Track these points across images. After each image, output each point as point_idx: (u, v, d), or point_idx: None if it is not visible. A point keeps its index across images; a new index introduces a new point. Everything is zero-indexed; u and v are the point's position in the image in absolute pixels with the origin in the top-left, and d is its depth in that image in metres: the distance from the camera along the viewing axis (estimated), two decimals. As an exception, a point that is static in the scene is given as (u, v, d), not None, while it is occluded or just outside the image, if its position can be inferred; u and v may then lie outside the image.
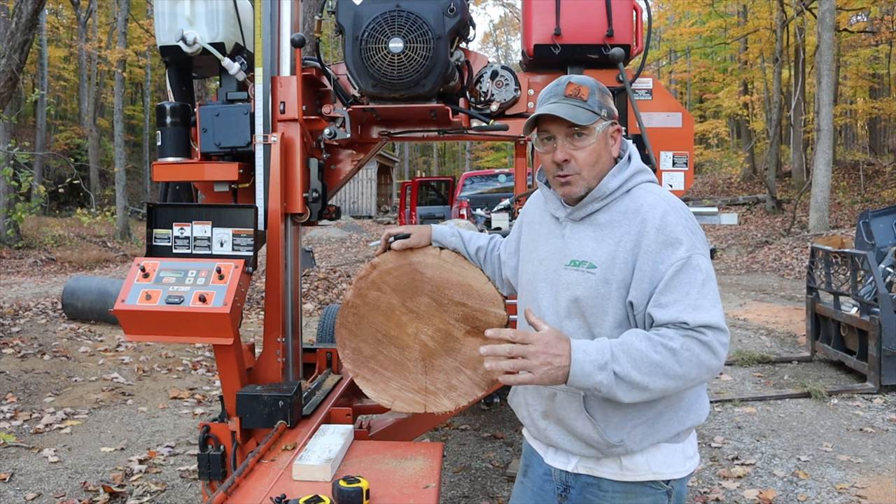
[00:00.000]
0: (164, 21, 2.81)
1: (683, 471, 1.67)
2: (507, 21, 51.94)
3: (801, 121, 23.47)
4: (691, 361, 1.47)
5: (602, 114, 1.63)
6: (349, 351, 2.25)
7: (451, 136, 3.17)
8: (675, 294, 1.51)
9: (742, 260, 15.83)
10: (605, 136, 1.66)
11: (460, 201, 9.12)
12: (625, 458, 1.64)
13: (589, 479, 1.68)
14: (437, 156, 48.09)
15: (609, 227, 1.62)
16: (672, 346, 1.46)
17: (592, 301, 1.60)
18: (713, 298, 1.52)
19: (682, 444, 1.66)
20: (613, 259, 1.58)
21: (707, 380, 1.53)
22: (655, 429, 1.61)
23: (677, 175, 3.07)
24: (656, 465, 1.63)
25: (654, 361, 1.45)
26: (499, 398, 5.50)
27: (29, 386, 5.69)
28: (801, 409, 5.37)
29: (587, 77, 1.69)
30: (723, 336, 1.50)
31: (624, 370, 1.45)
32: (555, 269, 1.68)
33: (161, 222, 2.68)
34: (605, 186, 1.65)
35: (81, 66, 29.72)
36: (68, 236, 19.30)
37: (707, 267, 1.55)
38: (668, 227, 1.55)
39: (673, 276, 1.52)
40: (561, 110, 1.60)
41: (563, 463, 1.72)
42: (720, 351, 1.49)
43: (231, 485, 1.97)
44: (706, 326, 1.48)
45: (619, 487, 1.64)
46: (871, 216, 7.34)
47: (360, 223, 25.96)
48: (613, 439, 1.60)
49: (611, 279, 1.58)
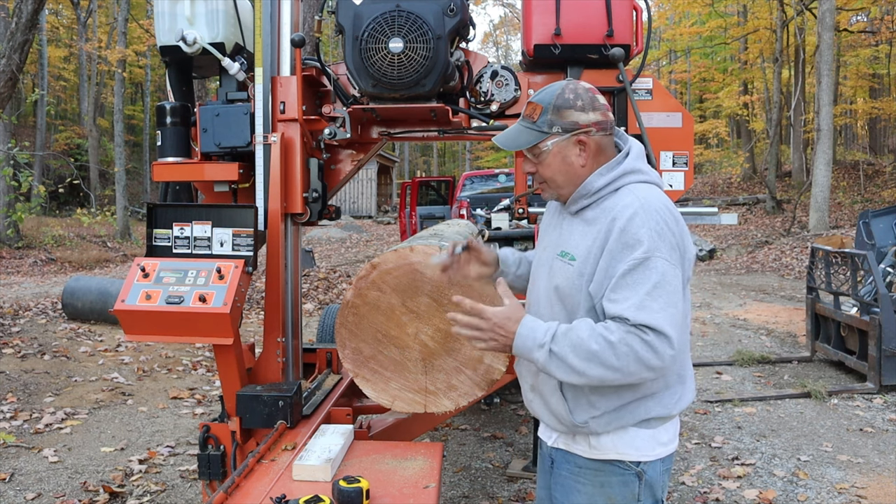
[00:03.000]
0: (164, 21, 2.81)
1: (654, 455, 1.72)
2: (507, 21, 51.97)
3: (801, 121, 23.47)
4: (629, 357, 1.53)
5: (553, 131, 1.71)
6: (349, 351, 2.25)
7: (451, 136, 3.17)
8: (624, 291, 1.58)
9: (742, 260, 15.83)
10: (561, 150, 1.73)
11: (460, 201, 9.12)
12: (592, 438, 1.73)
13: (566, 455, 1.79)
14: (437, 156, 48.09)
15: (592, 224, 1.71)
16: (611, 338, 1.54)
17: (569, 291, 1.70)
18: (664, 302, 1.56)
19: (654, 430, 1.72)
20: (588, 254, 1.68)
21: (651, 377, 1.60)
22: (621, 415, 1.69)
23: (677, 175, 3.07)
24: (622, 446, 1.71)
25: (592, 350, 1.55)
26: (499, 398, 5.50)
27: (29, 386, 5.69)
28: (801, 409, 5.37)
29: (547, 94, 1.73)
30: (665, 340, 1.54)
31: (562, 352, 1.57)
32: (551, 257, 1.80)
33: (161, 222, 2.68)
34: (589, 185, 1.73)
35: (81, 66, 29.72)
36: (68, 236, 19.29)
37: (665, 271, 1.58)
38: (631, 229, 1.61)
39: (625, 274, 1.59)
40: (500, 138, 1.80)
41: (546, 437, 1.87)
42: (663, 353, 1.54)
43: (231, 485, 1.97)
44: (647, 327, 1.54)
45: (589, 465, 1.74)
46: (871, 216, 7.34)
47: (360, 223, 25.96)
48: (578, 420, 1.71)
49: (584, 272, 1.68)
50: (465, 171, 20.42)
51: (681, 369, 1.74)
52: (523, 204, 3.29)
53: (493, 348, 1.67)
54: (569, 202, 1.78)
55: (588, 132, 1.71)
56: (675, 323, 1.56)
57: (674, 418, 1.76)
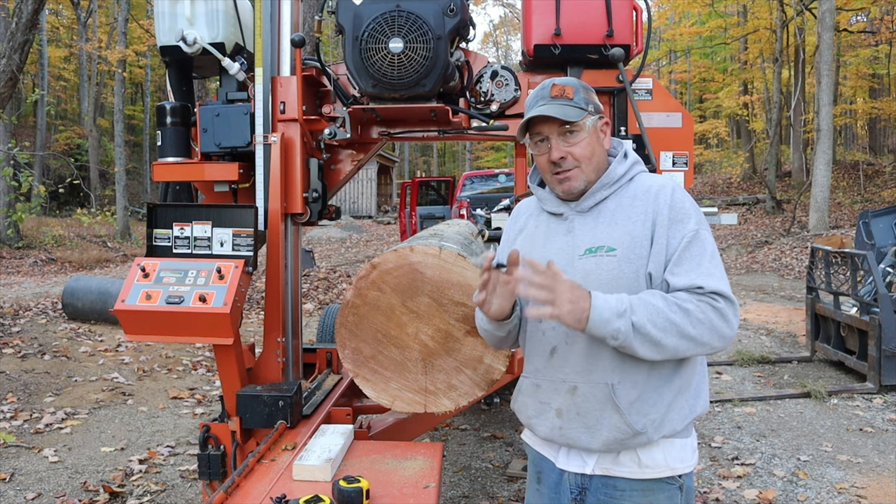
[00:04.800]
0: (164, 21, 2.81)
1: (692, 464, 1.71)
2: (507, 21, 51.99)
3: (800, 121, 23.48)
4: (704, 325, 1.53)
5: (589, 109, 1.70)
6: (349, 351, 2.25)
7: (451, 136, 3.17)
8: (689, 263, 1.58)
9: (742, 260, 15.83)
10: (596, 130, 1.72)
11: (460, 201, 9.13)
12: (642, 453, 1.64)
13: (604, 480, 1.67)
14: (437, 156, 48.09)
15: (620, 211, 1.68)
16: (687, 307, 1.53)
17: (617, 283, 1.61)
18: (722, 271, 1.60)
19: (690, 438, 1.70)
20: (633, 238, 1.63)
21: (719, 348, 1.58)
22: (672, 417, 1.64)
23: (677, 175, 3.07)
24: (672, 459, 1.66)
25: (670, 319, 1.52)
26: (499, 398, 5.50)
27: (29, 386, 5.70)
28: (800, 409, 5.37)
29: (569, 77, 1.77)
30: (734, 307, 1.56)
31: (640, 321, 1.51)
32: (567, 262, 1.67)
33: (161, 222, 2.68)
34: (612, 173, 1.72)
35: (81, 66, 29.72)
36: (68, 236, 19.31)
37: (713, 242, 1.63)
38: (678, 204, 1.64)
39: (686, 248, 1.59)
40: (551, 110, 1.66)
41: (578, 466, 1.70)
42: (732, 320, 1.55)
43: (231, 485, 1.97)
44: (719, 294, 1.54)
45: (636, 486, 1.65)
46: (870, 216, 7.34)
47: (360, 223, 25.96)
48: (639, 426, 1.61)
49: (632, 257, 1.62)
50: (465, 171, 20.42)
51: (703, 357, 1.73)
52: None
53: (567, 315, 1.50)
54: (585, 197, 1.71)
55: (606, 119, 1.76)
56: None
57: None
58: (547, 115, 1.66)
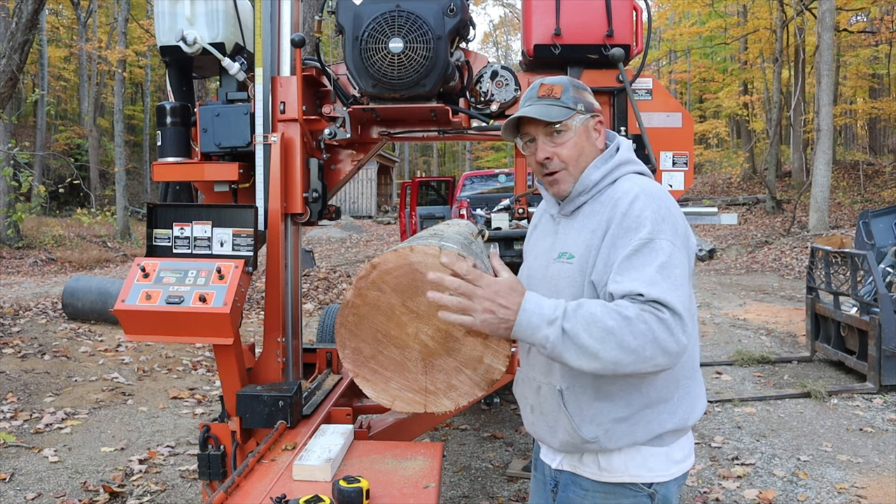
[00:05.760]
0: (164, 21, 2.81)
1: (668, 475, 1.61)
2: (507, 21, 51.99)
3: (800, 121, 23.47)
4: (646, 336, 1.38)
5: (578, 108, 1.65)
6: (349, 351, 2.24)
7: (451, 136, 3.17)
8: (632, 272, 1.46)
9: (742, 260, 15.83)
10: (586, 129, 1.68)
11: (460, 201, 9.11)
12: (602, 458, 1.61)
13: (571, 477, 1.68)
14: (437, 156, 48.09)
15: (590, 217, 1.63)
16: (627, 314, 1.39)
17: (571, 292, 1.58)
18: (674, 283, 1.44)
19: (667, 448, 1.61)
20: (588, 247, 1.59)
21: (663, 365, 1.41)
22: (634, 429, 1.57)
23: (677, 175, 3.07)
24: (635, 467, 1.59)
25: (608, 327, 1.38)
26: (499, 398, 5.50)
27: (29, 386, 5.70)
28: (800, 409, 5.37)
29: (560, 76, 1.73)
30: (681, 321, 1.40)
31: (574, 329, 1.39)
32: (546, 264, 1.70)
33: (161, 222, 2.68)
34: (586, 179, 1.66)
35: (81, 66, 29.73)
36: (68, 236, 19.31)
37: (671, 253, 1.47)
38: (634, 212, 1.52)
39: (630, 255, 1.48)
40: (534, 111, 1.63)
41: (550, 459, 1.75)
42: (678, 335, 1.39)
43: (231, 485, 1.97)
44: (662, 304, 1.40)
45: (598, 487, 1.63)
46: (870, 216, 7.34)
47: (360, 223, 25.96)
48: (588, 435, 1.57)
49: (585, 268, 1.58)
50: (465, 171, 20.41)
51: (691, 369, 1.64)
52: (523, 204, 3.29)
53: (485, 323, 1.42)
54: (566, 201, 1.70)
55: (600, 117, 1.71)
56: (686, 307, 1.42)
57: (687, 432, 1.66)
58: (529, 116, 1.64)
